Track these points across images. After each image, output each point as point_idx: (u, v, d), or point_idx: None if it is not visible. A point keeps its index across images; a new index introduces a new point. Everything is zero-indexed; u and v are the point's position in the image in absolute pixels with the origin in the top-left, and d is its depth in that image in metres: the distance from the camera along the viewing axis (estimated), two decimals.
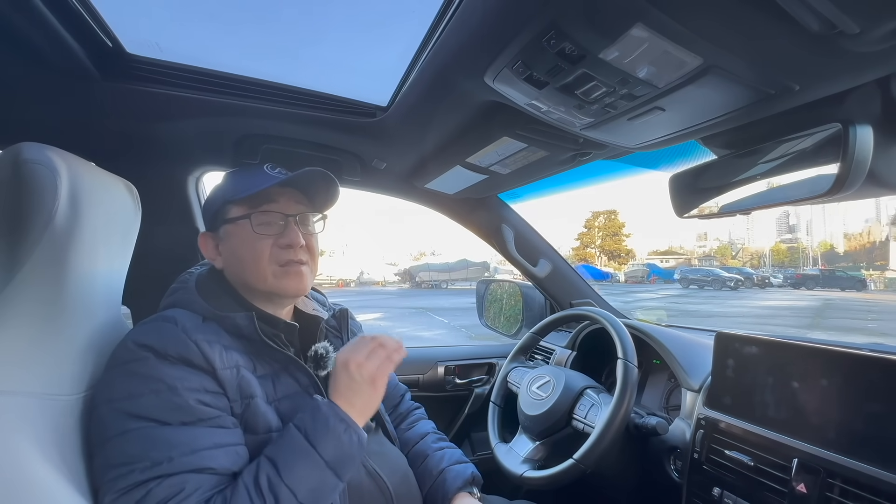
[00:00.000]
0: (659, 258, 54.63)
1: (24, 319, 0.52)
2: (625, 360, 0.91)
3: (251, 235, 0.68)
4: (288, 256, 0.69)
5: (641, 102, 0.59)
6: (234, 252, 0.70)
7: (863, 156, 0.54)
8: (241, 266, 0.70)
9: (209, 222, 0.74)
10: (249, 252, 0.68)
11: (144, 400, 0.54)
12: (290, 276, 0.70)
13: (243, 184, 0.70)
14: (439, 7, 0.62)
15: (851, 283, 24.99)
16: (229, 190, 0.72)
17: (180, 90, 0.81)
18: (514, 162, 0.98)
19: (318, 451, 0.56)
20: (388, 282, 37.40)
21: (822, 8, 0.38)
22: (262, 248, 0.68)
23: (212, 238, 0.73)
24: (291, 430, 0.59)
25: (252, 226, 0.68)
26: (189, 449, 0.53)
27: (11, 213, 0.51)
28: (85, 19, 0.66)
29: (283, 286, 0.70)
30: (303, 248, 0.71)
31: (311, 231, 0.75)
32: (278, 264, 0.69)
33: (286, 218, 0.70)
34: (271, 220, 0.69)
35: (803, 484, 0.67)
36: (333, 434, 0.58)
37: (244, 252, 0.69)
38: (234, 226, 0.69)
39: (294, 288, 0.71)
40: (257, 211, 0.69)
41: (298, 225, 0.71)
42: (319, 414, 0.60)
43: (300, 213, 0.72)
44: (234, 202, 0.70)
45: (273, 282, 0.69)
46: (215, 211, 0.72)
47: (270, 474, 0.54)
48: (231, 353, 0.61)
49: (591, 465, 0.85)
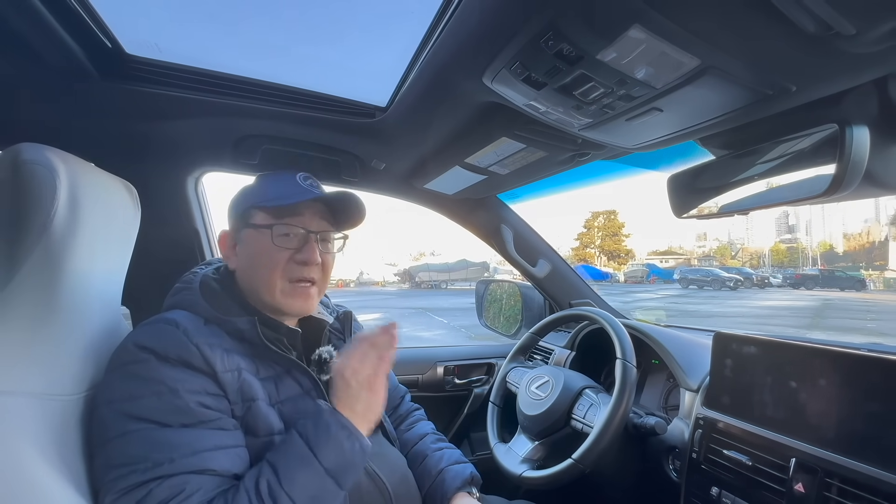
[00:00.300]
0: (658, 258, 54.67)
1: (23, 319, 0.52)
2: (623, 360, 0.91)
3: (270, 246, 0.68)
4: (301, 274, 0.69)
5: (639, 103, 0.59)
6: (251, 257, 0.70)
7: (859, 156, 0.54)
8: (254, 273, 0.69)
9: (233, 222, 0.73)
10: (265, 261, 0.68)
11: (145, 401, 0.54)
12: (298, 295, 0.70)
13: (274, 191, 0.70)
14: (438, 8, 0.62)
15: (851, 283, 25.02)
16: (259, 194, 0.71)
17: (179, 90, 0.81)
18: (513, 162, 0.98)
19: (319, 459, 0.56)
20: (387, 282, 37.41)
21: (819, 9, 0.38)
22: (278, 260, 0.68)
23: (232, 237, 0.73)
24: (294, 436, 0.58)
25: (273, 236, 0.68)
26: (190, 450, 0.53)
27: (11, 214, 0.51)
28: (84, 20, 0.66)
29: (288, 304, 0.69)
30: (317, 266, 0.71)
31: (329, 250, 0.74)
32: (289, 280, 0.69)
33: (308, 234, 0.70)
34: (293, 232, 0.69)
35: (801, 483, 0.67)
36: (335, 441, 0.58)
37: (260, 260, 0.69)
38: (255, 231, 0.69)
39: (299, 308, 0.71)
40: (281, 222, 0.68)
41: (318, 242, 0.71)
42: (321, 421, 0.59)
43: (322, 232, 0.72)
44: (261, 208, 0.69)
45: (280, 298, 0.69)
46: (241, 213, 0.71)
47: (271, 480, 0.54)
48: (233, 356, 0.61)
49: (589, 465, 0.85)
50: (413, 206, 1.43)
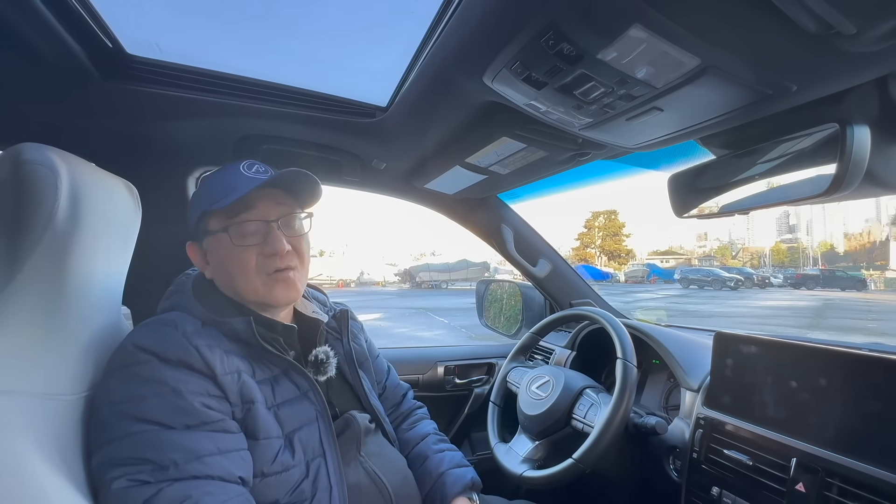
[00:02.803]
0: (659, 258, 54.59)
1: (24, 319, 0.52)
2: (624, 360, 0.91)
3: (233, 248, 0.65)
4: (275, 265, 0.67)
5: (640, 103, 0.59)
6: (221, 264, 0.68)
7: (860, 156, 0.54)
8: (230, 278, 0.68)
9: (192, 233, 0.71)
10: (235, 264, 0.66)
11: (148, 402, 0.53)
12: (279, 284, 0.68)
13: (219, 190, 0.66)
14: (438, 7, 0.62)
15: (851, 282, 24.96)
16: (206, 199, 0.67)
17: (180, 90, 0.81)
18: (514, 162, 0.98)
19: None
20: (388, 282, 37.38)
21: (819, 9, 0.38)
22: (247, 259, 0.66)
23: (199, 248, 0.71)
24: None
25: (231, 238, 0.65)
26: (193, 455, 0.52)
27: (12, 214, 0.51)
28: (85, 20, 0.66)
29: (273, 296, 0.68)
30: (290, 252, 0.68)
31: (296, 233, 0.71)
32: (266, 273, 0.67)
33: (268, 224, 0.67)
34: (252, 229, 0.66)
35: (802, 483, 0.67)
36: None
37: (230, 265, 0.67)
38: (214, 238, 0.67)
39: (284, 296, 0.69)
40: (235, 222, 0.66)
41: (282, 229, 0.68)
42: None
43: (283, 217, 0.68)
44: (212, 213, 0.67)
45: (264, 292, 0.67)
46: (196, 222, 0.69)
47: None
48: (231, 357, 0.61)
49: (590, 465, 0.85)
50: (414, 206, 1.43)
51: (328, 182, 1.11)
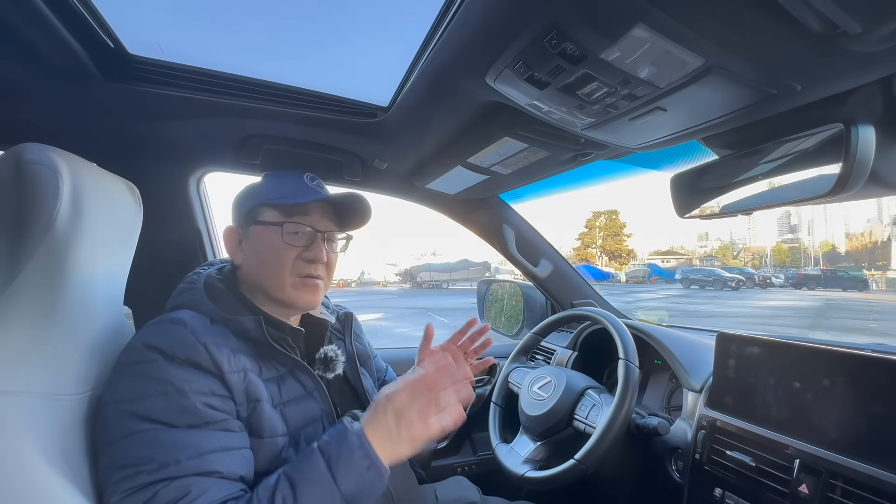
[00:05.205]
0: (660, 258, 54.54)
1: (26, 319, 0.52)
2: (626, 361, 0.91)
3: (279, 243, 0.69)
4: (308, 271, 0.71)
5: (643, 103, 0.59)
6: (259, 254, 0.71)
7: (865, 156, 0.54)
8: (262, 269, 0.71)
9: (239, 218, 0.74)
10: (274, 258, 0.69)
11: (152, 402, 0.54)
12: (308, 289, 0.71)
13: (282, 189, 0.72)
14: (440, 7, 0.62)
15: (853, 283, 24.92)
16: (268, 192, 0.73)
17: (182, 91, 0.81)
18: (516, 162, 0.98)
19: (337, 483, 0.54)
20: (388, 282, 37.43)
21: (824, 8, 0.38)
22: (287, 257, 0.69)
23: (238, 234, 0.74)
24: (315, 454, 0.56)
25: (282, 234, 0.69)
26: (196, 452, 0.53)
27: (13, 214, 0.51)
28: (86, 20, 0.66)
29: (298, 298, 0.71)
30: (323, 264, 0.73)
31: (334, 249, 0.76)
32: (298, 275, 0.70)
33: (316, 233, 0.72)
34: (301, 231, 0.71)
35: (805, 484, 0.67)
36: (356, 468, 0.56)
37: (269, 257, 0.70)
38: (264, 228, 0.71)
39: (307, 301, 0.72)
40: (291, 220, 0.70)
41: (325, 242, 0.73)
42: (345, 444, 0.57)
43: (329, 231, 0.74)
44: (271, 205, 0.71)
45: (290, 292, 0.70)
46: (249, 209, 0.73)
47: (286, 496, 0.53)
48: (239, 356, 0.61)
49: (592, 466, 0.85)
50: (414, 206, 1.42)
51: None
